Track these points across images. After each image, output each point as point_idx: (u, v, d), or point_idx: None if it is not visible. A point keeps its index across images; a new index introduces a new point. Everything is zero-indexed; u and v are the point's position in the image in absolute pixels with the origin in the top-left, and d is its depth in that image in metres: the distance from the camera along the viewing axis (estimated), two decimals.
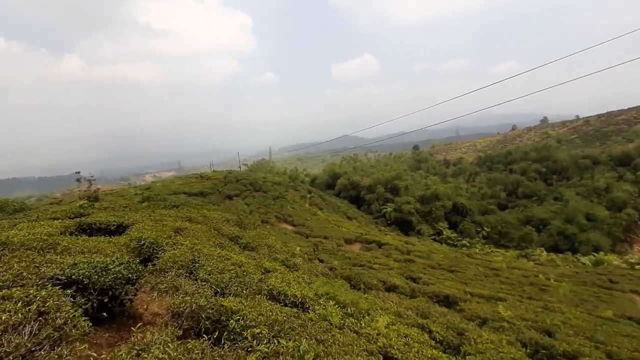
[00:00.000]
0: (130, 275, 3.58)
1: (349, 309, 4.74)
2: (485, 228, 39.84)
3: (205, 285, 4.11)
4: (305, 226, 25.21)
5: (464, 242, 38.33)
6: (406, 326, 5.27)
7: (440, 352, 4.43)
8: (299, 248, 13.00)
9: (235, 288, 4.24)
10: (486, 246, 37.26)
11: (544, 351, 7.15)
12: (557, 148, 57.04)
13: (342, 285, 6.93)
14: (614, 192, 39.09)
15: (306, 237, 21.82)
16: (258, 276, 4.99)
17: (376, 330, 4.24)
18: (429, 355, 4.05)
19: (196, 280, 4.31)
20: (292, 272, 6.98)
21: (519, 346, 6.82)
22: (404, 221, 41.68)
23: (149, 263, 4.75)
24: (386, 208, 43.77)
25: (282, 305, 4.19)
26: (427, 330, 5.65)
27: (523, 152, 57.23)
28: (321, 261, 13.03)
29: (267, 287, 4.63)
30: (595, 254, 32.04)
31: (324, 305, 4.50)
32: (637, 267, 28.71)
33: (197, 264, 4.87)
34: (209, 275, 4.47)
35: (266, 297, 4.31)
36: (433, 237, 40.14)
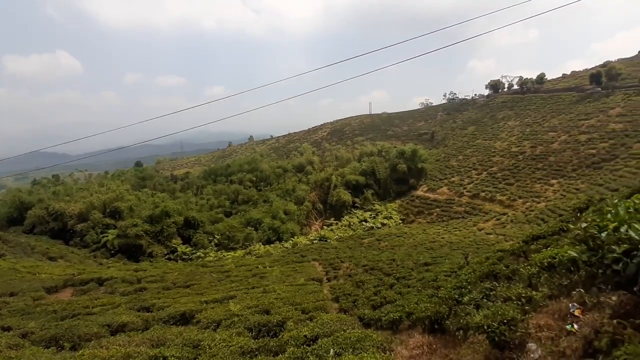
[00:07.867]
0: None
1: None
2: (216, 236, 43.02)
3: None
4: None
5: (198, 253, 39.43)
6: None
7: None
8: None
9: None
10: (219, 252, 40.31)
11: (264, 328, 8.91)
12: (261, 161, 71.10)
13: (36, 353, 5.34)
14: (297, 192, 54.30)
15: None
16: None
17: None
18: None
19: None
20: None
21: (246, 333, 8.11)
22: (131, 246, 37.01)
23: None
24: (107, 236, 37.10)
25: None
26: (162, 358, 5.56)
27: (239, 165, 66.85)
28: (6, 329, 9.24)
29: None
30: (293, 239, 43.27)
31: None
32: (315, 242, 41.61)
33: None
34: None
35: None
36: (167, 256, 38.43)
